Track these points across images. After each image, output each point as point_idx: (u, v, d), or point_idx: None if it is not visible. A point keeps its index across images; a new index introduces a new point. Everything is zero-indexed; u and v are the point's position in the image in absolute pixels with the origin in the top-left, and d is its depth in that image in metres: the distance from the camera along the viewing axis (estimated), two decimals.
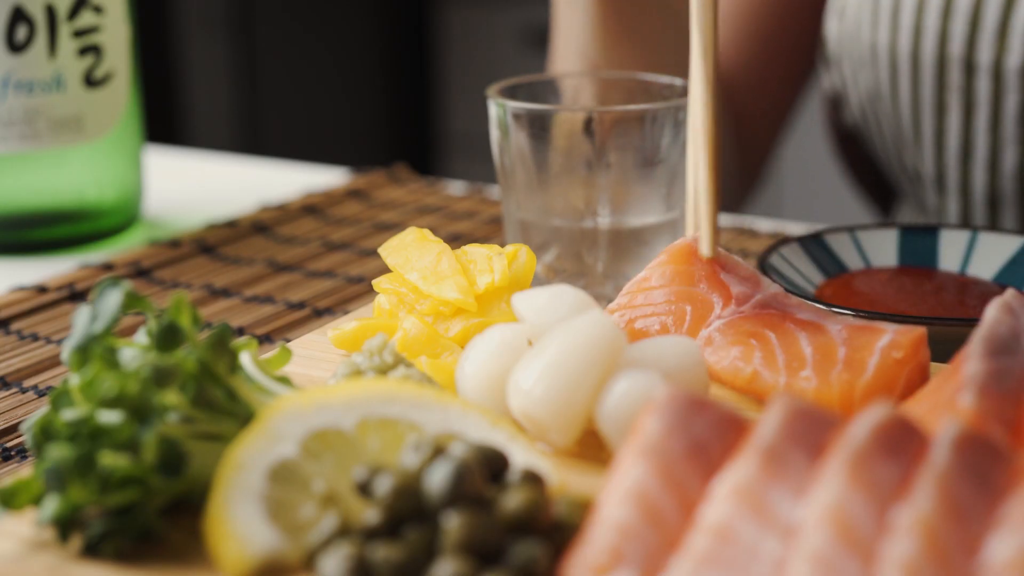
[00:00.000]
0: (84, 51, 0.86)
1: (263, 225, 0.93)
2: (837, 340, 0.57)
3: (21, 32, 0.84)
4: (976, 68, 0.90)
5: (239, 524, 0.45)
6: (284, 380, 0.53)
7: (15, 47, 0.84)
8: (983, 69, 0.90)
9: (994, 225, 0.97)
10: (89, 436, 0.47)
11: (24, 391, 0.67)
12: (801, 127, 2.36)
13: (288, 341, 0.71)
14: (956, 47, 0.91)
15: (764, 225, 0.92)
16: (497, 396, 0.54)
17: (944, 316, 0.69)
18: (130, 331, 0.72)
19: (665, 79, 0.78)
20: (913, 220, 1.10)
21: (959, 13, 0.91)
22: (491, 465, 0.46)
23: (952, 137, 0.94)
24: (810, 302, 0.65)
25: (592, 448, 0.53)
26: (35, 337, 0.74)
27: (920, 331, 0.57)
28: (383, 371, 0.55)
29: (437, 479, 0.44)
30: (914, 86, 0.94)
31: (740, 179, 1.10)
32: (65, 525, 0.47)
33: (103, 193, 0.90)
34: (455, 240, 0.89)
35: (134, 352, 0.49)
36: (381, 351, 0.56)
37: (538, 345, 0.53)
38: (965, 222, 0.99)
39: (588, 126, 0.72)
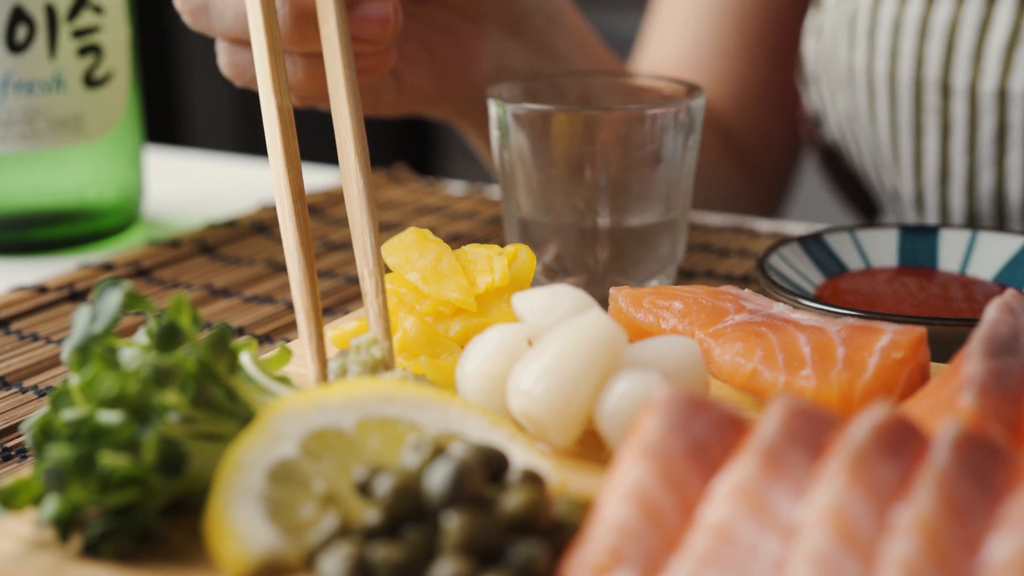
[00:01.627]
0: (84, 51, 0.86)
1: (263, 225, 0.93)
2: (837, 340, 0.57)
3: (21, 32, 0.84)
4: (952, 91, 0.90)
5: (239, 524, 0.45)
6: (284, 380, 0.53)
7: (15, 47, 0.84)
8: (959, 92, 0.90)
9: None
10: (89, 436, 0.47)
11: (24, 391, 0.67)
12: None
13: (288, 341, 0.71)
14: (932, 70, 0.91)
15: (764, 225, 0.92)
16: (497, 396, 0.54)
17: (944, 316, 0.69)
18: (130, 331, 0.72)
19: (665, 79, 0.78)
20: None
21: (935, 36, 0.91)
22: (491, 465, 0.46)
23: (930, 159, 0.94)
24: (810, 304, 0.66)
25: (592, 448, 0.53)
26: (35, 337, 0.74)
27: (920, 331, 0.57)
28: (371, 368, 0.55)
29: (437, 479, 0.44)
30: (892, 107, 0.94)
31: (761, 205, 1.10)
32: (65, 525, 0.47)
33: (103, 193, 0.90)
34: (455, 240, 0.89)
35: (134, 352, 0.49)
36: (369, 347, 0.55)
37: (538, 345, 0.53)
38: None
39: (588, 126, 0.72)
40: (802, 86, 1.04)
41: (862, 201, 1.13)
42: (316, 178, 1.07)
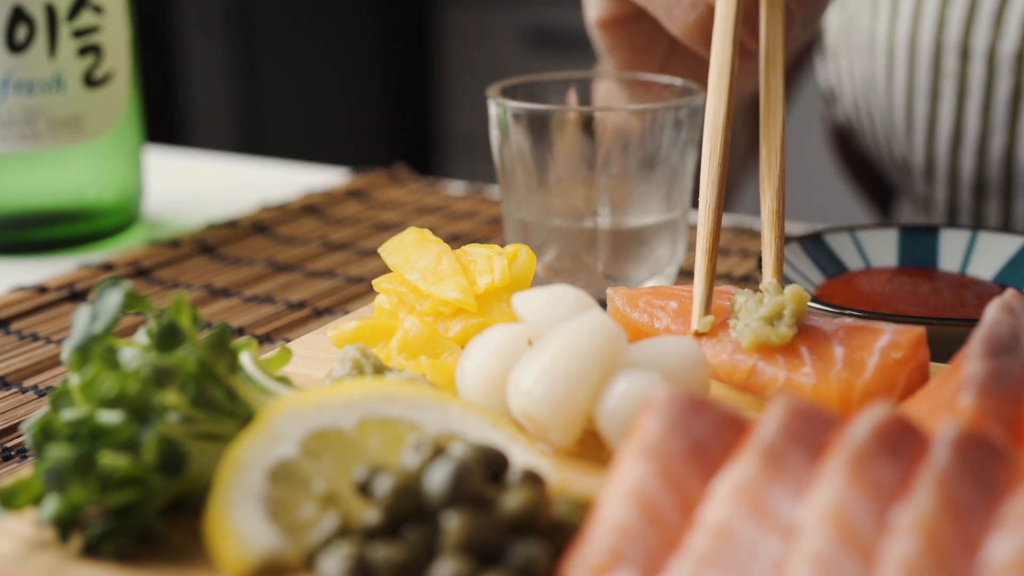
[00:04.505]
0: (84, 51, 0.86)
1: (263, 225, 0.93)
2: (836, 340, 0.57)
3: (21, 32, 0.84)
4: (971, 54, 0.92)
5: (239, 524, 0.45)
6: (284, 380, 0.53)
7: (15, 47, 0.84)
8: (978, 55, 0.92)
9: (979, 213, 0.99)
10: (89, 436, 0.47)
11: (24, 391, 0.67)
12: (801, 127, 2.35)
13: (288, 341, 0.71)
14: (953, 33, 0.93)
15: None
16: (497, 396, 0.54)
17: (944, 316, 0.69)
18: (130, 331, 0.72)
19: (665, 79, 0.78)
20: (910, 213, 1.11)
21: (957, 0, 0.93)
22: (491, 465, 0.46)
23: (944, 123, 0.96)
24: (810, 304, 0.65)
25: (592, 448, 0.53)
26: (35, 337, 0.74)
27: (920, 331, 0.57)
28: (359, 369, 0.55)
29: (437, 479, 0.44)
30: (910, 73, 0.97)
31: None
32: (65, 525, 0.47)
33: (103, 193, 0.90)
34: (455, 240, 0.89)
35: (134, 352, 0.49)
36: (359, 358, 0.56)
37: (538, 345, 0.53)
38: (952, 210, 1.01)
39: (588, 126, 0.72)
40: (819, 60, 1.06)
41: (873, 183, 1.15)
42: (317, 178, 1.07)
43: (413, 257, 0.62)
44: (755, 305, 0.58)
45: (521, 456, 0.49)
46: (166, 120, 2.54)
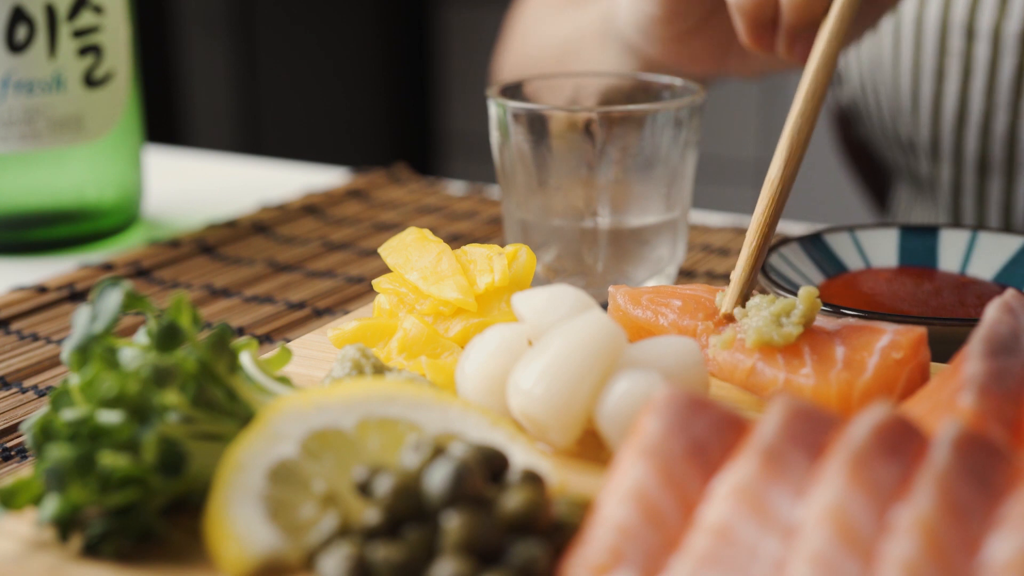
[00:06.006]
0: (84, 51, 0.86)
1: (263, 225, 0.93)
2: (836, 340, 0.57)
3: (21, 32, 0.84)
4: (976, 33, 0.94)
5: (239, 524, 0.45)
6: (284, 380, 0.53)
7: (15, 47, 0.84)
8: (982, 34, 0.94)
9: (982, 192, 1.00)
10: (89, 436, 0.47)
11: (24, 391, 0.67)
12: None
13: (288, 341, 0.71)
14: (958, 12, 0.95)
15: None
16: (497, 396, 0.54)
17: (944, 316, 0.69)
18: (130, 331, 0.72)
19: (665, 79, 0.78)
20: (907, 199, 1.12)
21: None
22: (491, 465, 0.46)
23: (949, 102, 0.97)
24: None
25: (592, 448, 0.53)
26: (35, 337, 0.74)
27: (920, 331, 0.57)
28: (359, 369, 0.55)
29: (437, 479, 0.44)
30: (916, 52, 0.98)
31: None
32: (65, 525, 0.47)
33: (103, 193, 0.90)
34: (455, 240, 0.89)
35: (134, 352, 0.49)
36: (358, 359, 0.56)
37: (538, 345, 0.53)
38: (956, 190, 1.02)
39: (588, 126, 0.72)
40: None
41: (868, 168, 1.16)
42: (317, 178, 1.07)
43: (413, 257, 0.62)
44: (765, 304, 0.58)
45: (521, 456, 0.49)
46: (166, 120, 2.54)
